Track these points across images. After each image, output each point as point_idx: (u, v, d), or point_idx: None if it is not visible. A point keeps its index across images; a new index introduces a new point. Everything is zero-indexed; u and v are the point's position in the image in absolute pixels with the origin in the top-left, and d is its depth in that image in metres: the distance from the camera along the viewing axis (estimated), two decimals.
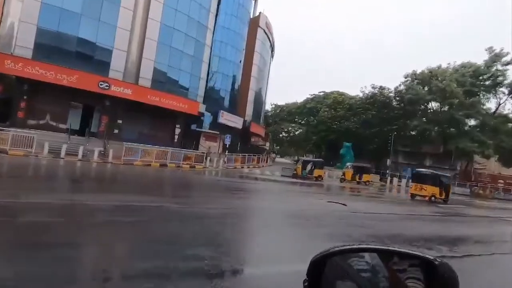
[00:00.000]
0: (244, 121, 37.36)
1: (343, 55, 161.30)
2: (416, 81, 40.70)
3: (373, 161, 45.38)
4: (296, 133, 59.32)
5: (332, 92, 55.50)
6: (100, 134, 23.96)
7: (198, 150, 31.97)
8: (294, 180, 23.39)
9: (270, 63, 47.65)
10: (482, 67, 36.98)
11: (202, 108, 29.20)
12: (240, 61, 34.65)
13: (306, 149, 58.93)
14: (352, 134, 44.07)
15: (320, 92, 59.78)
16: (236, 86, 35.41)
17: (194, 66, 28.14)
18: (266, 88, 47.54)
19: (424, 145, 43.37)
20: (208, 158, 26.54)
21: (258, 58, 39.25)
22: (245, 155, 31.79)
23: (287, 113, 63.26)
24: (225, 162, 28.02)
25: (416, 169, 21.23)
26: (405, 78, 42.12)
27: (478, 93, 36.49)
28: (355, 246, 1.00)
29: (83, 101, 23.37)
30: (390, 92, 43.54)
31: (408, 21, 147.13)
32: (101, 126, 24.23)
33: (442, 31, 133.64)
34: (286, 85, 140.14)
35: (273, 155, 53.26)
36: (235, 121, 34.33)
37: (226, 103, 34.15)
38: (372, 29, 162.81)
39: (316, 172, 25.48)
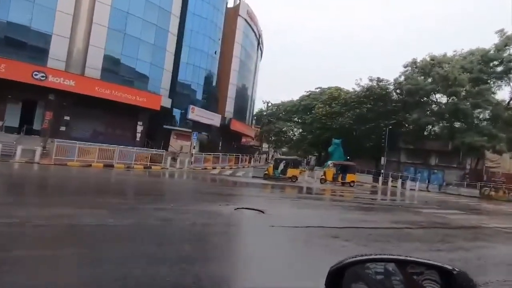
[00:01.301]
0: (224, 118, 34.22)
1: (345, 51, 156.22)
2: (416, 70, 36.51)
3: (370, 160, 41.35)
4: (292, 131, 55.52)
5: (329, 88, 51.63)
6: (44, 131, 21.40)
7: (167, 149, 29.13)
8: (261, 181, 19.96)
9: (258, 57, 44.47)
10: (492, 51, 32.43)
11: (167, 102, 26.31)
12: (216, 52, 31.63)
13: (302, 149, 55.05)
14: (347, 131, 40.13)
15: (317, 88, 56.01)
16: (212, 80, 32.36)
17: (156, 55, 25.30)
18: (254, 84, 44.32)
19: (429, 142, 39.02)
20: (169, 158, 23.52)
21: (240, 51, 36.14)
22: (219, 155, 28.58)
23: (282, 112, 59.74)
24: (191, 162, 24.88)
25: None
26: (405, 68, 37.98)
27: (488, 81, 31.93)
28: (373, 257, 1.00)
29: (22, 95, 20.87)
30: (389, 84, 39.44)
31: (411, 14, 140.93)
32: (45, 123, 21.67)
33: (448, 23, 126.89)
34: (286, 83, 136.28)
35: (264, 155, 49.73)
36: (210, 118, 31.23)
37: (200, 98, 31.12)
38: (376, 24, 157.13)
39: (290, 172, 21.93)
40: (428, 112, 33.15)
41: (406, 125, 38.27)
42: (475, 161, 34.54)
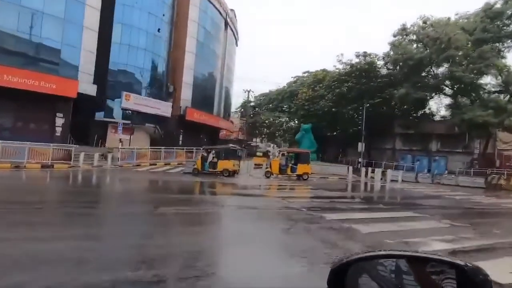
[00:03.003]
0: (178, 108, 29.74)
1: (342, 33, 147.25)
2: (407, 38, 30.41)
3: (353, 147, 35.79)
4: (279, 121, 50.18)
5: (317, 71, 46.02)
6: None
7: (102, 145, 25.08)
8: (180, 178, 15.39)
9: (227, 40, 39.46)
10: (499, 5, 25.90)
11: (90, 89, 22.10)
12: (159, 30, 27.11)
13: (287, 140, 49.86)
14: (333, 116, 34.64)
15: (304, 72, 50.50)
16: (157, 63, 27.90)
17: (69, 33, 21.10)
18: (224, 70, 39.40)
19: (429, 124, 32.93)
20: (82, 154, 19.33)
21: (197, 30, 31.43)
22: (161, 149, 24.15)
23: (268, 101, 54.71)
24: (118, 159, 20.64)
25: None
26: (394, 37, 31.84)
27: (494, 42, 25.44)
28: (379, 253, 0.96)
29: None
30: (378, 58, 33.57)
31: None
32: None
33: None
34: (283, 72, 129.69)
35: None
36: (156, 107, 26.79)
37: (142, 84, 26.81)
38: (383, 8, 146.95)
39: (221, 164, 17.13)
40: (419, 86, 26.98)
41: (397, 105, 32.32)
42: (484, 144, 28.16)
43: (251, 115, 54.74)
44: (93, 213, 6.49)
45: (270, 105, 54.36)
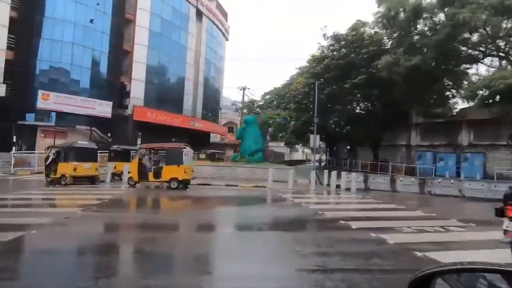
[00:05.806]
0: (122, 106, 26.33)
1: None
2: None
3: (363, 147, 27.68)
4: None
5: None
6: None
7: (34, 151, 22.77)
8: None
9: (202, 32, 35.07)
10: None
11: None
12: (92, 21, 24.17)
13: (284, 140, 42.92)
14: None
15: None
16: (95, 59, 24.87)
17: None
18: (198, 65, 34.94)
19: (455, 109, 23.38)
20: None
21: (149, 19, 27.90)
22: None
23: (277, 98, 48.44)
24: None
25: None
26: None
27: None
28: (469, 266, 0.83)
29: None
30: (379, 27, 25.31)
31: None
32: None
33: None
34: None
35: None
36: (88, 107, 23.64)
37: (76, 83, 24.07)
38: None
39: (61, 168, 12.50)
40: (416, 48, 18.20)
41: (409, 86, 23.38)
42: None
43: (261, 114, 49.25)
44: None
45: (275, 102, 48.17)
